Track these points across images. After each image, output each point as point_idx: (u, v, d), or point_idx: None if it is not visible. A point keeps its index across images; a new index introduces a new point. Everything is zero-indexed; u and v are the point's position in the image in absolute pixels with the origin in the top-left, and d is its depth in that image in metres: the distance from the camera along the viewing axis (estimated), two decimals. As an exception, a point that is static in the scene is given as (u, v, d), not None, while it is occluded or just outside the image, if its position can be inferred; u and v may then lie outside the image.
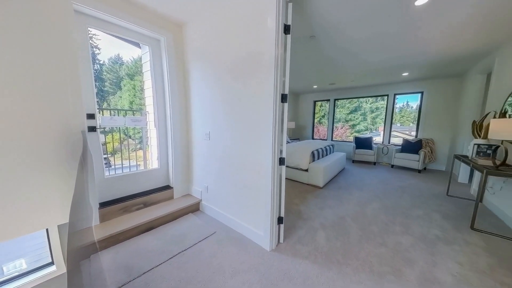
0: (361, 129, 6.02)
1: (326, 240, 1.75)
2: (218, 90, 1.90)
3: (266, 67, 1.45)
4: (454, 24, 2.04)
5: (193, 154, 2.37)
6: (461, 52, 2.80)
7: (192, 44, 2.12)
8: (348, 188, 3.18)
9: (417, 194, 2.90)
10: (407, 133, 5.21)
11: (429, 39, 2.39)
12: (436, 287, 1.25)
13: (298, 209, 2.37)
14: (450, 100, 4.31)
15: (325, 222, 2.07)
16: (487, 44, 2.52)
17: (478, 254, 1.57)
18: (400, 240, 1.76)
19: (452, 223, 2.05)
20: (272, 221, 1.58)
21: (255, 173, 1.66)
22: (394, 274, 1.35)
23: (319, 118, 6.95)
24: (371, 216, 2.21)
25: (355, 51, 2.84)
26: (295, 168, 3.48)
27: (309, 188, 3.16)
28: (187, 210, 2.20)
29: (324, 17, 1.95)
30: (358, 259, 1.51)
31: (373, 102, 5.65)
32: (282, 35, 1.40)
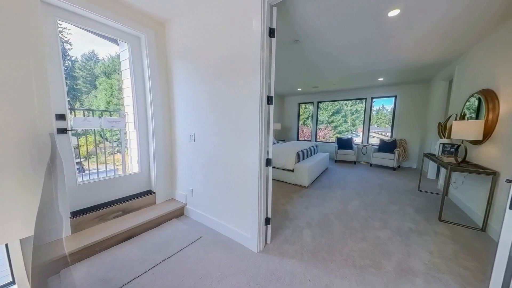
0: (343, 130, 6.35)
1: (312, 238, 1.80)
2: (203, 91, 1.87)
3: (252, 69, 1.46)
4: (421, 35, 2.25)
5: (177, 157, 2.28)
6: (428, 60, 3.10)
7: (176, 43, 2.06)
8: (331, 187, 3.31)
9: (393, 191, 3.12)
10: (383, 134, 5.62)
11: (401, 47, 2.61)
12: (410, 276, 1.35)
13: (284, 209, 2.41)
14: (419, 103, 4.74)
15: (311, 220, 2.12)
16: (449, 54, 2.83)
17: (445, 243, 1.74)
18: (379, 234, 1.87)
19: (423, 216, 2.25)
20: (259, 222, 1.58)
21: (242, 175, 1.65)
22: (374, 267, 1.44)
23: (304, 119, 7.16)
24: (353, 212, 2.33)
25: (336, 56, 2.99)
26: (281, 169, 3.53)
27: (295, 188, 3.23)
28: (171, 215, 2.11)
29: (307, 23, 2.02)
30: (342, 254, 1.57)
31: (353, 104, 5.99)
32: (267, 38, 1.43)
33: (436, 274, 1.37)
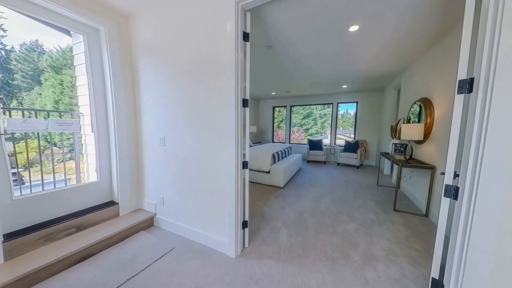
0: (313, 133, 6.80)
1: (288, 237, 1.85)
2: (175, 92, 1.77)
3: (227, 71, 1.45)
4: (376, 50, 2.59)
5: (144, 163, 2.09)
6: (381, 71, 3.58)
7: (143, 39, 1.90)
8: (304, 186, 3.49)
9: (357, 187, 3.47)
10: (348, 136, 6.23)
11: (361, 59, 2.95)
12: (373, 262, 1.51)
13: (261, 210, 2.43)
14: (375, 109, 5.42)
15: (287, 220, 2.19)
16: (397, 67, 3.33)
17: (399, 230, 2.00)
18: (347, 227, 2.05)
19: (382, 208, 2.55)
20: (236, 226, 1.56)
21: (218, 179, 1.61)
22: (344, 258, 1.56)
23: (278, 122, 7.42)
24: (324, 209, 2.49)
25: (306, 64, 3.20)
26: (258, 171, 3.57)
27: (271, 189, 3.30)
28: (137, 227, 1.91)
29: (279, 30, 2.12)
30: (316, 249, 1.66)
31: (322, 109, 6.50)
32: (241, 41, 1.44)
33: (393, 258, 1.57)
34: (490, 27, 0.80)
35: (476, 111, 0.84)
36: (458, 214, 0.92)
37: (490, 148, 0.80)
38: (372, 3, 1.65)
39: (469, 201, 0.87)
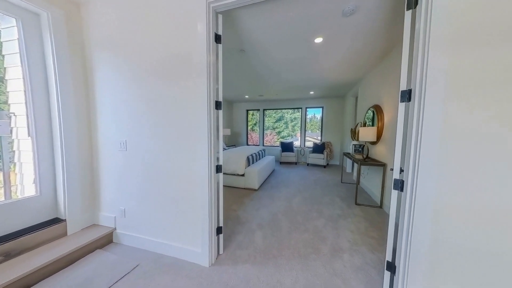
0: (285, 135, 7.12)
1: (263, 238, 1.87)
2: (141, 92, 1.61)
3: (199, 72, 1.40)
4: (338, 60, 2.89)
5: (101, 171, 1.83)
6: (342, 80, 4.01)
7: (101, 32, 1.68)
8: (278, 186, 3.60)
9: (325, 185, 3.76)
10: (316, 138, 6.74)
11: (325, 68, 3.24)
12: (340, 254, 1.65)
13: (236, 214, 2.40)
14: (338, 113, 6.01)
15: (262, 221, 2.22)
16: (354, 77, 3.77)
17: (360, 222, 2.24)
18: (317, 223, 2.19)
19: (346, 203, 2.82)
20: (210, 234, 1.50)
21: (189, 184, 1.52)
22: (315, 253, 1.66)
23: (252, 125, 7.51)
24: (296, 208, 2.62)
25: (277, 69, 3.34)
26: (232, 174, 3.52)
27: (246, 192, 3.29)
28: (92, 246, 1.65)
29: (252, 36, 2.16)
30: (289, 248, 1.72)
31: (292, 113, 6.88)
32: (213, 43, 1.42)
33: (356, 247, 1.74)
34: (421, 48, 0.98)
35: (414, 117, 1.02)
36: (404, 203, 1.08)
37: (424, 148, 0.98)
38: (332, 21, 1.84)
39: (412, 192, 1.03)
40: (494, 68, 0.87)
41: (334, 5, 1.64)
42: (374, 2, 1.58)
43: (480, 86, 0.89)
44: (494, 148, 0.88)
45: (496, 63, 0.86)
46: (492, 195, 0.89)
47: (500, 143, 0.87)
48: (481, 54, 0.88)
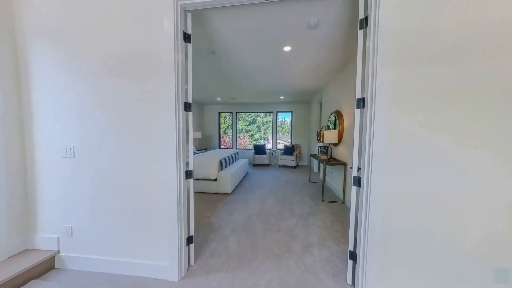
0: (258, 138, 7.25)
1: (237, 243, 1.84)
2: (94, 90, 1.40)
3: (166, 71, 1.31)
4: (304, 68, 3.12)
5: (37, 184, 1.50)
6: (308, 87, 4.34)
7: (41, 17, 1.40)
8: (251, 189, 3.62)
9: (295, 185, 3.96)
10: (286, 141, 7.08)
11: (293, 75, 3.45)
12: (310, 249, 1.75)
13: (209, 221, 2.30)
14: (306, 118, 6.47)
15: (235, 226, 2.18)
16: (319, 85, 4.13)
17: (327, 217, 2.44)
18: (289, 223, 2.28)
19: (314, 201, 3.03)
20: (180, 245, 1.39)
21: (155, 193, 1.39)
22: (287, 252, 1.72)
23: (225, 128, 7.38)
24: (269, 209, 2.67)
25: (249, 74, 3.39)
26: (204, 179, 3.37)
27: (219, 196, 3.20)
28: (24, 277, 1.32)
29: (223, 38, 2.15)
30: (263, 249, 1.74)
31: (264, 116, 7.08)
32: (182, 42, 1.35)
33: (324, 241, 1.88)
34: (371, 63, 1.14)
35: (367, 122, 1.18)
36: (362, 197, 1.23)
37: (375, 148, 1.14)
38: (299, 32, 1.98)
39: (367, 187, 1.18)
40: (422, 82, 1.07)
41: (300, 18, 1.77)
42: (334, 18, 1.77)
43: (413, 97, 1.09)
44: (424, 147, 1.09)
45: (423, 78, 1.07)
46: (425, 186, 1.10)
47: (428, 144, 1.08)
48: (414, 70, 1.08)
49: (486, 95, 1.01)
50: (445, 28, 1.03)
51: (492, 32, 0.99)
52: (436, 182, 1.08)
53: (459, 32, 1.02)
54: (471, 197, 1.06)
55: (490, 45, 1.00)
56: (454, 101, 1.05)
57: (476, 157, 1.04)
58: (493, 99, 1.01)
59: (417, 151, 1.09)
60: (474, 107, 1.03)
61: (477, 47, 1.01)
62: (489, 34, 1.00)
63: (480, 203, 1.05)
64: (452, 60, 1.04)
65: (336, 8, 1.64)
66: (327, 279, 1.40)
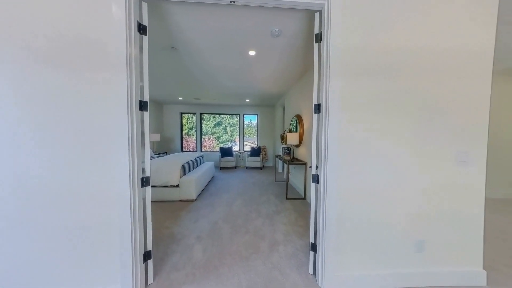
0: (224, 140, 7.11)
1: (203, 252, 1.75)
2: (16, 82, 1.09)
3: (115, 65, 1.14)
4: (268, 73, 3.26)
5: None
6: (272, 91, 4.55)
7: None
8: (218, 193, 3.51)
9: (261, 185, 4.07)
10: (253, 142, 7.21)
11: (258, 79, 3.56)
12: (276, 247, 1.83)
13: (171, 231, 2.11)
14: (270, 120, 6.76)
15: (201, 233, 2.07)
16: (281, 90, 4.39)
17: (291, 214, 2.59)
18: (256, 223, 2.32)
19: (279, 199, 3.18)
20: (134, 263, 1.22)
21: (103, 205, 1.18)
22: (256, 252, 1.74)
23: (187, 130, 6.94)
24: (237, 211, 2.66)
25: (215, 75, 3.31)
26: (164, 186, 3.07)
27: (182, 204, 2.97)
28: None
29: (185, 35, 2.03)
30: (231, 254, 1.71)
31: (230, 118, 7.02)
32: (136, 33, 1.21)
33: (289, 238, 1.99)
34: (325, 73, 1.30)
35: (322, 125, 1.32)
36: (319, 193, 1.37)
37: (329, 148, 1.29)
38: (263, 39, 2.07)
39: (324, 184, 1.32)
40: (364, 93, 1.28)
41: (264, 25, 1.85)
42: (294, 29, 1.92)
43: (357, 105, 1.28)
44: (366, 148, 1.29)
45: (365, 90, 1.28)
46: (367, 179, 1.31)
47: (369, 145, 1.29)
48: (358, 83, 1.28)
49: (408, 105, 1.29)
50: (379, 49, 1.27)
51: (412, 56, 1.28)
52: (375, 176, 1.31)
53: (390, 54, 1.27)
54: (399, 187, 1.32)
55: (411, 66, 1.28)
56: (388, 110, 1.29)
57: (402, 156, 1.31)
58: (413, 109, 1.30)
59: (361, 151, 1.30)
60: (402, 115, 1.29)
61: (403, 67, 1.28)
62: (410, 57, 1.28)
63: (405, 191, 1.32)
64: (386, 76, 1.28)
65: (297, 21, 1.78)
66: (292, 272, 1.48)
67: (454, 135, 1.31)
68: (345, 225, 1.32)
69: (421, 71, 1.28)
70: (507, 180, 3.32)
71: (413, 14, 1.26)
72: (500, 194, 3.28)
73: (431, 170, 1.32)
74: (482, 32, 1.28)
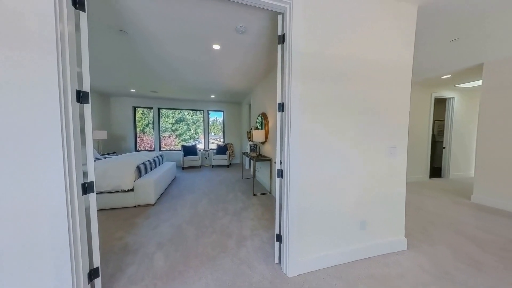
0: (187, 138, 6.65)
1: (165, 258, 1.62)
2: None
3: (41, 44, 0.90)
4: (234, 70, 3.22)
5: None
6: (238, 88, 4.52)
7: None
8: (181, 195, 3.29)
9: (228, 183, 4.03)
10: (219, 140, 7.02)
11: (223, 75, 3.47)
12: (244, 242, 1.86)
13: (124, 243, 1.86)
14: (237, 118, 6.72)
15: (162, 239, 1.91)
16: (247, 87, 4.41)
17: (258, 209, 2.67)
18: (223, 221, 2.29)
19: (246, 195, 3.22)
20: (77, 284, 1.03)
21: (28, 222, 0.94)
22: (223, 251, 1.72)
23: (143, 126, 6.18)
24: (202, 212, 2.56)
25: (175, 67, 3.04)
26: (114, 192, 2.66)
27: (138, 210, 2.65)
28: None
29: (139, 18, 1.78)
30: (197, 256, 1.64)
31: (194, 114, 6.60)
32: (70, 7, 0.99)
33: (256, 232, 2.05)
34: (287, 75, 1.37)
35: (285, 123, 1.40)
36: (283, 186, 1.46)
37: (292, 144, 1.38)
38: (228, 34, 2.02)
39: (287, 177, 1.41)
40: (320, 95, 1.42)
41: (228, 20, 1.81)
42: (259, 28, 1.95)
43: (314, 106, 1.41)
44: (321, 144, 1.45)
45: (320, 93, 1.42)
46: (322, 171, 1.47)
47: (323, 141, 1.45)
48: (314, 86, 1.40)
49: (354, 107, 1.51)
50: (333, 57, 1.42)
51: (357, 65, 1.48)
52: (329, 169, 1.48)
53: (341, 62, 1.44)
54: (348, 177, 1.53)
55: (356, 74, 1.49)
56: (340, 111, 1.47)
57: (350, 150, 1.52)
58: (357, 111, 1.52)
59: (317, 146, 1.44)
60: (349, 116, 1.50)
61: (350, 75, 1.47)
62: (355, 67, 1.48)
63: (353, 180, 1.55)
64: (338, 81, 1.45)
65: (262, 20, 1.81)
66: (260, 265, 1.54)
67: (386, 133, 1.61)
68: (306, 214, 1.46)
69: (363, 79, 1.51)
70: (419, 168, 4.32)
71: (359, 29, 1.46)
72: (414, 178, 4.24)
73: (371, 162, 1.59)
74: (405, 51, 1.60)
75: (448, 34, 2.05)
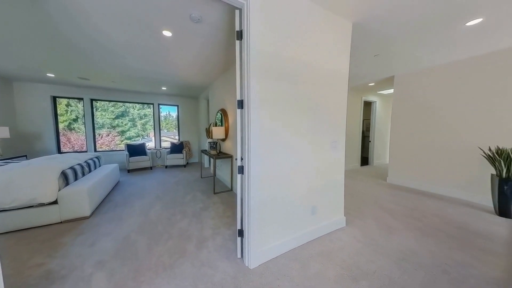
0: (133, 136, 5.72)
1: (108, 278, 1.37)
2: None
3: None
4: (189, 61, 2.97)
5: None
6: (195, 82, 4.23)
7: None
8: (127, 202, 2.84)
9: (186, 184, 3.77)
10: (173, 137, 6.38)
11: (176, 65, 3.15)
12: (205, 243, 1.79)
13: (45, 270, 1.45)
14: (194, 113, 6.28)
15: (103, 257, 1.60)
16: (205, 81, 4.18)
17: (219, 207, 2.62)
18: (181, 225, 2.13)
19: (206, 195, 3.10)
20: None
21: None
22: (182, 256, 1.61)
23: (69, 122, 4.92)
24: (155, 218, 2.30)
25: (114, 50, 2.54)
26: (26, 207, 2.03)
27: (66, 226, 2.12)
28: None
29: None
30: (151, 267, 1.47)
31: (141, 108, 5.72)
32: None
33: (217, 231, 2.01)
34: (246, 72, 1.38)
35: (245, 120, 1.42)
36: (244, 182, 1.48)
37: (252, 141, 1.41)
38: (181, 21, 1.84)
39: (248, 173, 1.44)
40: (276, 93, 1.50)
41: (182, 6, 1.65)
42: (216, 20, 1.86)
43: (272, 103, 1.49)
44: (278, 139, 1.55)
45: (276, 91, 1.51)
46: (279, 165, 1.57)
47: (280, 136, 1.55)
48: (271, 84, 1.47)
49: (305, 106, 1.67)
50: (287, 59, 1.52)
51: (307, 67, 1.64)
52: (285, 162, 1.60)
53: (294, 63, 1.56)
54: (301, 169, 1.70)
55: (306, 75, 1.64)
56: (294, 108, 1.60)
57: (301, 143, 1.69)
58: (307, 109, 1.69)
59: (275, 142, 1.53)
60: (301, 113, 1.65)
61: (301, 75, 1.62)
62: (306, 69, 1.63)
63: (305, 171, 1.73)
64: (291, 81, 1.57)
65: (219, 12, 1.74)
66: (222, 263, 1.53)
67: (330, 129, 1.87)
68: (265, 206, 1.53)
69: (312, 80, 1.70)
70: (353, 158, 5.27)
71: (308, 37, 1.62)
72: (350, 166, 5.15)
73: (319, 154, 1.82)
74: (343, 60, 1.89)
75: (373, 49, 2.55)
